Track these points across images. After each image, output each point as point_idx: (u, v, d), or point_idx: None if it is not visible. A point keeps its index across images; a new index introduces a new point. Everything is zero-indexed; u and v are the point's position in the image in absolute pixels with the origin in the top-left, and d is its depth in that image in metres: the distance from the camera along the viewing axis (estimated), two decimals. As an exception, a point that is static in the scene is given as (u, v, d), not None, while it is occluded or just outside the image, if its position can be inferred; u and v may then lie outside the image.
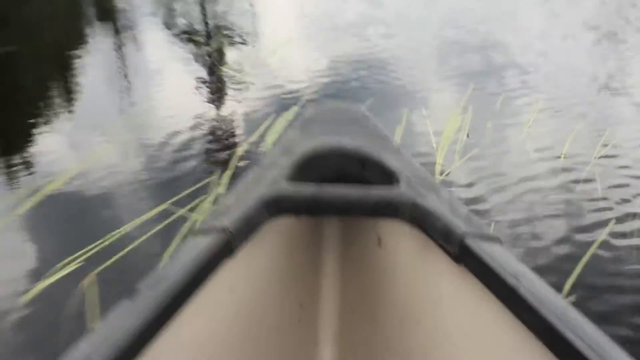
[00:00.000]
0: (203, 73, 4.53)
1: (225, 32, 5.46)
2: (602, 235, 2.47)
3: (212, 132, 3.53)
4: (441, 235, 1.13)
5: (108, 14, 6.60)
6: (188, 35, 5.41)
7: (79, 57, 4.98)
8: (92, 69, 4.75)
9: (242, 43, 5.10)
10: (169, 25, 5.96)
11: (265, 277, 1.32)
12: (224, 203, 1.29)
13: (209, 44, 5.08)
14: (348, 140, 1.41)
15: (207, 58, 4.77)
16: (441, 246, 1.14)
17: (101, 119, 3.71)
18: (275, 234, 1.32)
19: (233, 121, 3.68)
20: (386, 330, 1.38)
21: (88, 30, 5.91)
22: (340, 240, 1.51)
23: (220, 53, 4.86)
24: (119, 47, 5.15)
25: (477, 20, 5.86)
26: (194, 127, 3.56)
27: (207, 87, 4.23)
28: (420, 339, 1.27)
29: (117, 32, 5.62)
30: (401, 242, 1.33)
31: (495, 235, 1.14)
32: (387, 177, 1.31)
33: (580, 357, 0.79)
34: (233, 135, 3.50)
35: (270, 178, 1.27)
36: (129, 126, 3.61)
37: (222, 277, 1.11)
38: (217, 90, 4.15)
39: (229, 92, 4.14)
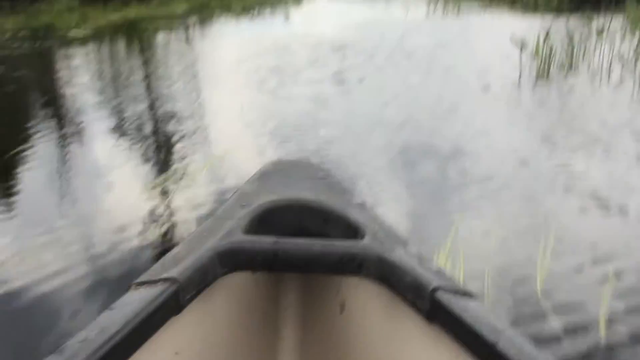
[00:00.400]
0: (150, 173, 4.14)
1: (172, 131, 5.15)
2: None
3: (152, 239, 3.15)
4: (410, 290, 1.05)
5: (52, 105, 6.35)
6: (134, 131, 5.13)
7: (20, 152, 4.63)
8: (34, 166, 4.39)
9: (188, 143, 4.77)
10: (114, 119, 5.70)
11: (215, 340, 1.19)
12: (172, 254, 1.17)
13: (156, 141, 4.76)
14: (308, 194, 1.35)
15: (153, 156, 4.42)
16: (411, 303, 1.06)
17: (41, 224, 3.34)
18: (229, 291, 1.20)
19: (177, 228, 3.30)
20: None
21: (30, 122, 5.64)
22: (300, 302, 1.38)
23: (166, 151, 4.54)
24: (62, 143, 4.84)
25: (438, 118, 5.35)
26: (136, 235, 3.18)
27: (152, 188, 3.84)
28: None
29: (60, 125, 5.37)
30: (367, 303, 1.22)
31: (467, 289, 1.06)
32: (351, 232, 1.23)
33: None
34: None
35: (225, 230, 1.19)
36: (67, 232, 3.24)
37: (167, 336, 0.99)
38: (161, 192, 3.76)
39: (174, 195, 3.76)
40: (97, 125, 5.47)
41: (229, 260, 1.11)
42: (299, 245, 1.12)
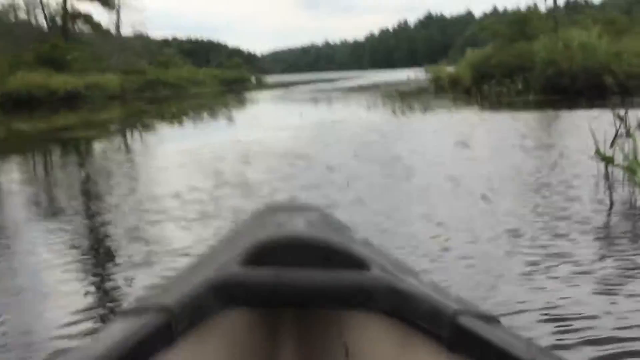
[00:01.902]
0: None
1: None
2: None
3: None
4: (428, 319, 0.93)
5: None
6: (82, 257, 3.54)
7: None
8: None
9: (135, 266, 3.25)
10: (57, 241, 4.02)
11: None
12: (164, 283, 1.11)
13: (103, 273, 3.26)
14: (309, 229, 1.23)
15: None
16: (429, 334, 0.93)
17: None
18: (224, 329, 1.06)
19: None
20: None
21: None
22: (300, 344, 1.21)
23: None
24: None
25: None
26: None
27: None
28: None
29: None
30: (376, 341, 1.06)
31: (490, 314, 0.95)
32: (356, 265, 1.08)
33: None
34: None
35: (221, 262, 1.09)
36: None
37: None
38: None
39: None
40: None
41: (225, 294, 1.00)
42: (301, 276, 1.01)
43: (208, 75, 46.24)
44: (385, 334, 1.03)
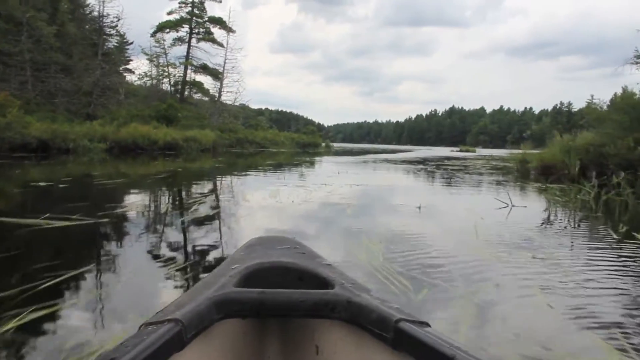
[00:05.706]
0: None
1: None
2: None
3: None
4: (377, 325, 0.89)
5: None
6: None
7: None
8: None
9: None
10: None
11: None
12: (176, 301, 1.01)
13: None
14: (286, 258, 1.19)
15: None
16: (378, 336, 0.89)
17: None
18: (223, 334, 1.00)
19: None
20: None
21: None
22: (282, 345, 1.15)
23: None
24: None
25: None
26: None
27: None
28: None
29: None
30: (339, 342, 1.02)
31: (424, 320, 0.88)
32: (323, 284, 1.06)
33: None
34: None
35: (220, 284, 1.02)
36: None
37: None
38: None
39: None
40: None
41: (223, 308, 0.94)
42: (281, 294, 0.96)
43: (287, 138, 41.61)
44: (345, 337, 0.99)
